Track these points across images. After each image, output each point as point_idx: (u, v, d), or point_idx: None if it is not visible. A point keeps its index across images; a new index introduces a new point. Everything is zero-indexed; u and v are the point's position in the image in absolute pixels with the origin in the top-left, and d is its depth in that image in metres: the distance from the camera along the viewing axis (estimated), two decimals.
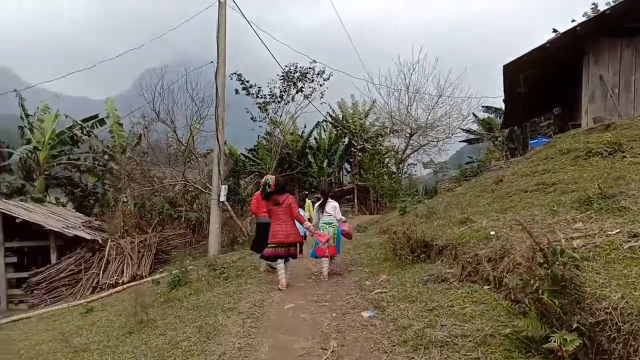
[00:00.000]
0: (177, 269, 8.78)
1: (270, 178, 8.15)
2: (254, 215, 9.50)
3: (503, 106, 31.72)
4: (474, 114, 30.12)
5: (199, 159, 19.68)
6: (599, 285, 3.52)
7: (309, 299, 6.16)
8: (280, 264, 7.15)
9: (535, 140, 19.97)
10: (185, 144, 16.63)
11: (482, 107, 30.48)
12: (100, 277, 12.80)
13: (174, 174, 17.75)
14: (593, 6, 24.03)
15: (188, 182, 16.89)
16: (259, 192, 8.56)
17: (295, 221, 7.51)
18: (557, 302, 3.23)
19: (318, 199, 8.41)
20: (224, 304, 5.84)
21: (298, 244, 7.79)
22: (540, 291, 3.29)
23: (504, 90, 14.36)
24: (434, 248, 6.83)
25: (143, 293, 8.11)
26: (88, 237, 14.38)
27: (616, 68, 12.24)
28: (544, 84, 14.38)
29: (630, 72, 12.14)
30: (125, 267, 12.81)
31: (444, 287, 5.39)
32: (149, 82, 15.72)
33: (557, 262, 3.28)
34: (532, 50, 12.20)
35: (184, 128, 16.41)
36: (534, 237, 3.63)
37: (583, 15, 24.01)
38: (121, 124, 19.26)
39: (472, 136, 33.04)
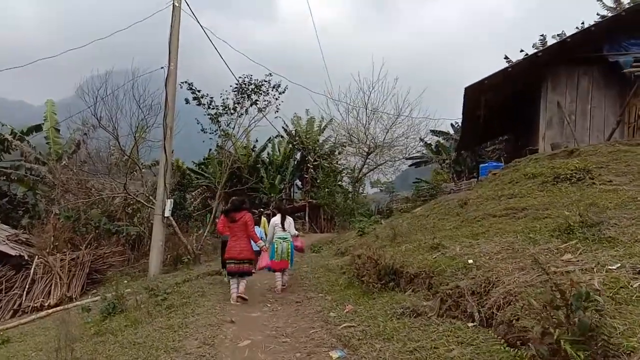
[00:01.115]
0: (112, 292, 7.72)
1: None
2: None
3: (451, 130, 33.01)
4: (420, 139, 30.57)
5: (143, 170, 18.38)
6: (619, 334, 3.03)
7: (267, 334, 5.39)
8: (233, 281, 7.33)
9: (486, 164, 20.27)
10: (129, 154, 15.37)
11: (431, 131, 31.07)
12: (23, 298, 11.35)
13: (114, 185, 16.37)
14: (542, 38, 25.07)
15: (129, 194, 15.60)
16: (223, 215, 8.53)
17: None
18: (581, 356, 2.69)
19: (269, 215, 9.21)
20: (167, 341, 4.94)
21: (252, 262, 7.79)
22: (562, 341, 2.74)
23: (463, 112, 14.31)
24: (404, 276, 6.27)
25: (70, 322, 7.01)
26: (12, 252, 12.84)
27: (573, 95, 12.44)
28: (502, 109, 14.47)
29: (586, 101, 12.38)
30: (52, 287, 11.41)
31: (422, 323, 4.80)
32: (92, 86, 14.42)
33: (582, 308, 2.76)
34: (494, 73, 12.20)
35: (128, 137, 15.17)
36: (550, 276, 3.09)
37: (532, 46, 24.99)
38: (58, 130, 17.65)
39: (419, 159, 33.67)
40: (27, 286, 11.43)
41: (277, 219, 8.43)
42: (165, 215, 13.86)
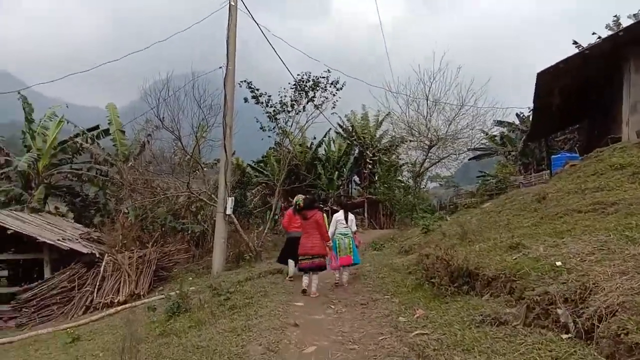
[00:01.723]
0: (177, 291, 7.73)
1: (299, 198, 8.90)
2: (285, 230, 10.45)
3: (516, 120, 31.22)
4: (482, 130, 29.16)
5: (205, 169, 18.69)
6: None
7: (333, 339, 5.09)
8: (305, 277, 7.72)
9: (558, 155, 18.91)
10: (191, 153, 15.63)
11: (495, 121, 29.60)
12: (95, 295, 11.75)
13: (178, 184, 16.74)
14: (615, 19, 23.10)
15: (192, 193, 15.88)
16: (290, 209, 9.66)
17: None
18: None
19: (327, 212, 9.31)
20: (230, 346, 4.76)
21: (324, 257, 7.90)
22: None
23: (534, 100, 13.32)
24: (481, 278, 5.75)
25: (136, 321, 7.08)
26: (84, 250, 13.36)
27: None
28: (577, 95, 13.33)
29: None
30: (121, 284, 11.75)
31: (507, 333, 4.30)
32: (155, 89, 14.81)
33: None
34: (570, 56, 11.23)
35: (189, 136, 15.44)
36: None
37: (605, 28, 23.08)
38: (124, 132, 18.33)
39: (482, 152, 32.13)
40: (97, 283, 11.83)
41: (339, 214, 8.62)
42: (227, 213, 13.93)
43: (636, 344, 3.10)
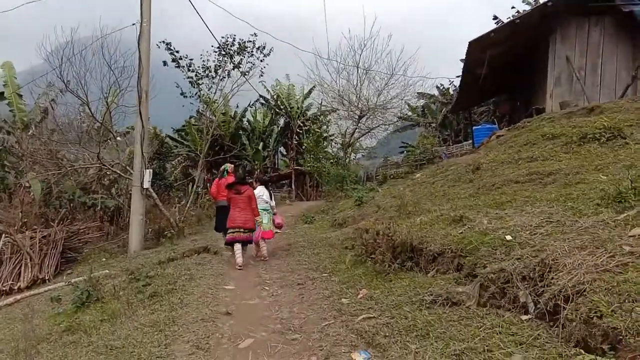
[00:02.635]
0: (85, 276, 6.74)
1: (228, 166, 9.39)
2: (213, 199, 10.70)
3: (436, 92, 31.91)
4: (405, 102, 29.59)
5: (118, 138, 17.07)
6: None
7: (271, 329, 4.53)
8: (237, 247, 7.67)
9: (480, 127, 19.48)
10: (101, 120, 14.06)
11: (417, 93, 30.09)
12: None
13: (87, 155, 15.10)
14: None
15: (104, 165, 14.39)
16: (217, 178, 9.86)
17: None
18: None
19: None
20: (151, 345, 4.03)
21: (253, 231, 8.09)
22: None
23: (463, 70, 13.35)
24: (425, 254, 5.42)
25: (36, 314, 6.09)
26: None
27: (583, 49, 11.57)
28: (503, 66, 13.50)
29: (597, 54, 11.52)
30: (22, 269, 10.36)
31: (462, 315, 3.98)
32: (57, 47, 12.91)
33: None
34: (501, 25, 11.33)
35: (99, 101, 13.82)
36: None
37: (523, 2, 23.87)
38: (21, 95, 16.09)
39: (406, 123, 32.71)
40: None
41: (259, 190, 8.76)
42: (145, 187, 12.78)
43: (612, 329, 2.83)
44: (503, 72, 14.40)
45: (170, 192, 22.20)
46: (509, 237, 4.68)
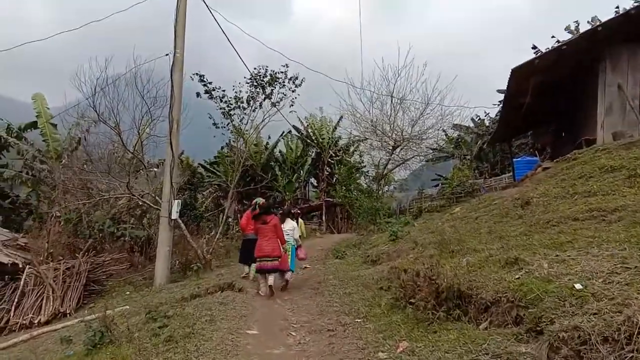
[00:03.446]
0: (100, 314, 6.26)
1: (259, 200, 9.50)
2: (242, 231, 10.82)
3: (471, 124, 31.03)
4: (443, 130, 28.88)
5: (150, 169, 17.02)
6: None
7: None
8: (265, 277, 8.00)
9: (520, 159, 18.57)
10: (132, 150, 13.99)
11: (452, 124, 29.36)
12: (12, 314, 10.00)
13: (118, 185, 15.01)
14: (576, 23, 23.24)
15: (133, 195, 14.22)
16: (249, 210, 9.76)
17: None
18: None
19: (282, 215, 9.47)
20: None
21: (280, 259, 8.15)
22: None
23: (504, 99, 12.69)
24: (476, 302, 4.73)
25: (45, 353, 5.64)
26: (4, 260, 11.55)
27: (637, 77, 10.74)
28: (546, 96, 12.76)
29: None
30: (44, 301, 10.06)
31: None
32: (90, 75, 12.99)
33: None
34: (546, 52, 10.71)
35: (130, 131, 13.77)
36: None
37: (565, 30, 23.14)
38: (55, 125, 16.32)
39: (439, 155, 31.87)
40: (15, 299, 10.09)
41: (291, 224, 9.29)
42: (173, 218, 12.46)
43: None
44: (546, 102, 13.64)
45: (200, 223, 22.00)
46: (578, 286, 3.96)
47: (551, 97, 12.89)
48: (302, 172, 28.36)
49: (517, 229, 6.72)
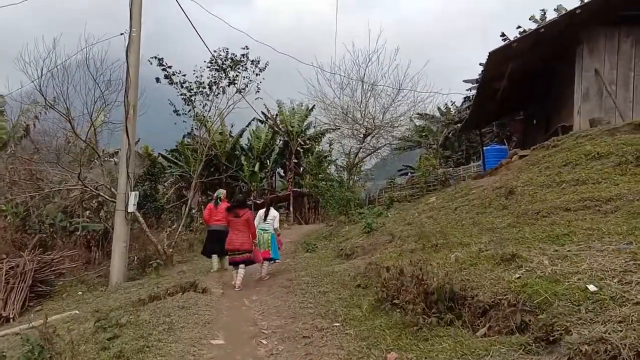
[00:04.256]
0: (38, 324, 5.43)
1: (221, 192, 10.15)
2: (205, 223, 11.09)
3: (436, 113, 30.85)
4: (410, 119, 28.69)
5: (106, 159, 15.89)
6: None
7: None
8: (238, 268, 8.12)
9: (490, 147, 18.40)
10: (84, 139, 12.89)
11: (417, 113, 29.19)
12: None
13: (70, 176, 13.86)
14: (542, 12, 23.21)
15: (86, 186, 13.15)
16: (210, 203, 10.36)
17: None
18: None
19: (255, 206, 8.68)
20: None
21: (251, 252, 8.25)
22: None
23: (480, 84, 12.31)
24: (471, 305, 4.21)
25: None
26: None
27: (614, 62, 10.54)
28: (520, 81, 12.47)
29: (629, 67, 10.48)
30: None
31: None
32: (35, 55, 11.78)
33: None
34: (524, 35, 10.36)
35: (82, 117, 12.65)
36: None
37: (530, 19, 23.10)
38: (1, 112, 14.97)
39: (407, 143, 31.64)
40: None
41: (262, 211, 9.21)
42: (129, 211, 11.54)
43: None
44: (520, 89, 13.39)
45: (161, 215, 20.97)
46: (592, 288, 3.48)
47: (526, 83, 12.61)
48: (269, 161, 27.57)
49: (504, 220, 6.27)
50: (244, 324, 5.71)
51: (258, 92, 18.27)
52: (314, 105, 25.12)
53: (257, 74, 17.49)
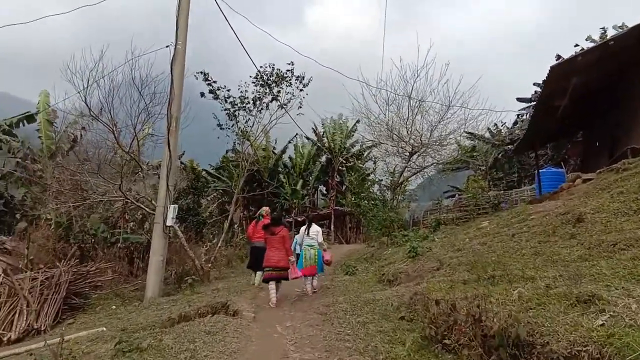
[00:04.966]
0: (57, 341, 5.10)
1: (264, 210, 10.42)
2: (248, 239, 11.33)
3: (487, 134, 29.51)
4: (456, 140, 27.51)
5: (148, 171, 15.95)
6: None
7: None
8: (272, 285, 8.20)
9: (546, 170, 17.21)
10: (127, 150, 12.92)
11: (466, 132, 28.01)
12: None
13: (112, 187, 13.93)
14: (602, 30, 21.93)
15: (127, 198, 13.12)
16: (254, 220, 10.65)
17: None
18: None
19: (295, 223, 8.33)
20: None
21: (287, 269, 8.36)
22: None
23: (538, 101, 11.41)
24: (541, 354, 3.49)
25: None
26: None
27: None
28: (588, 99, 11.50)
29: None
30: (17, 315, 8.93)
31: None
32: (82, 65, 11.88)
33: None
34: (590, 48, 9.37)
35: (126, 128, 12.67)
36: None
37: (586, 40, 21.82)
38: (51, 122, 15.33)
39: (454, 164, 30.40)
40: None
41: (303, 227, 9.40)
42: (168, 224, 11.33)
43: None
44: (580, 107, 12.38)
45: (203, 230, 20.91)
46: None
47: (588, 101, 11.62)
48: (310, 178, 27.23)
49: (573, 252, 5.47)
50: (273, 355, 5.17)
51: (300, 107, 18.05)
52: (358, 120, 24.54)
53: (300, 90, 17.26)
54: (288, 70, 17.23)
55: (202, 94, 18.35)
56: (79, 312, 10.00)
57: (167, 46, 12.14)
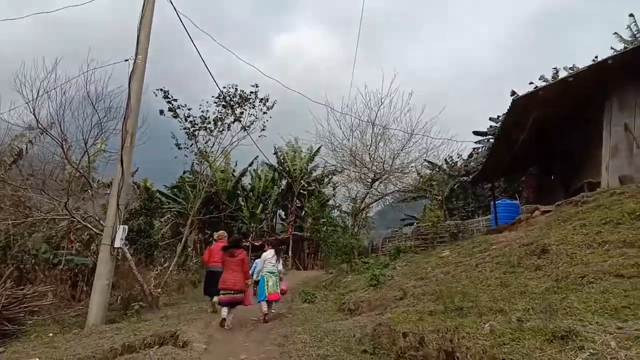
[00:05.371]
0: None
1: (217, 234, 10.58)
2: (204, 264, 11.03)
3: (444, 164, 30.21)
4: (416, 171, 27.94)
5: (98, 189, 15.11)
6: None
7: None
8: (224, 309, 8.08)
9: (501, 201, 17.57)
10: (76, 166, 12.16)
11: (427, 161, 28.47)
12: None
13: (57, 205, 13.02)
14: (554, 71, 22.93)
15: (74, 217, 12.28)
16: (212, 245, 10.70)
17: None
18: None
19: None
20: None
21: (243, 292, 8.32)
22: None
23: (499, 134, 11.65)
24: None
25: None
26: None
27: None
28: (541, 133, 11.83)
29: None
30: None
31: None
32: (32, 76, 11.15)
33: None
34: (551, 83, 9.72)
35: (77, 143, 11.94)
36: None
37: (540, 79, 22.74)
38: None
39: (412, 193, 30.80)
40: None
41: (268, 253, 9.46)
42: (116, 246, 10.61)
43: None
44: (537, 141, 12.73)
45: (154, 252, 19.93)
46: None
47: (546, 135, 11.95)
48: (269, 202, 26.78)
49: (540, 284, 5.36)
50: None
51: (263, 130, 17.75)
52: (321, 146, 24.46)
53: (264, 112, 17.02)
54: (252, 92, 16.98)
55: (162, 112, 17.74)
56: (12, 339, 9.06)
57: (126, 60, 11.64)
